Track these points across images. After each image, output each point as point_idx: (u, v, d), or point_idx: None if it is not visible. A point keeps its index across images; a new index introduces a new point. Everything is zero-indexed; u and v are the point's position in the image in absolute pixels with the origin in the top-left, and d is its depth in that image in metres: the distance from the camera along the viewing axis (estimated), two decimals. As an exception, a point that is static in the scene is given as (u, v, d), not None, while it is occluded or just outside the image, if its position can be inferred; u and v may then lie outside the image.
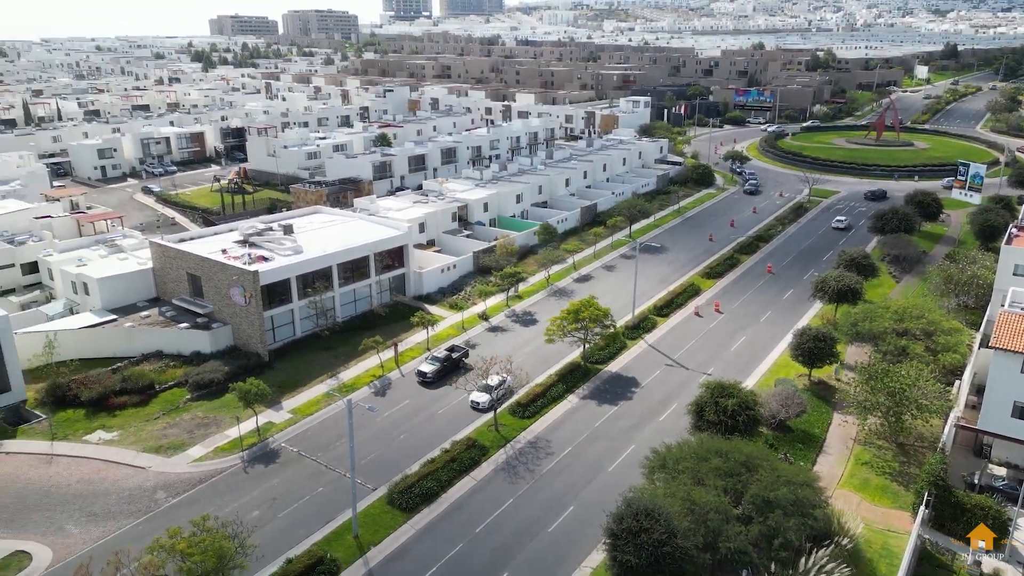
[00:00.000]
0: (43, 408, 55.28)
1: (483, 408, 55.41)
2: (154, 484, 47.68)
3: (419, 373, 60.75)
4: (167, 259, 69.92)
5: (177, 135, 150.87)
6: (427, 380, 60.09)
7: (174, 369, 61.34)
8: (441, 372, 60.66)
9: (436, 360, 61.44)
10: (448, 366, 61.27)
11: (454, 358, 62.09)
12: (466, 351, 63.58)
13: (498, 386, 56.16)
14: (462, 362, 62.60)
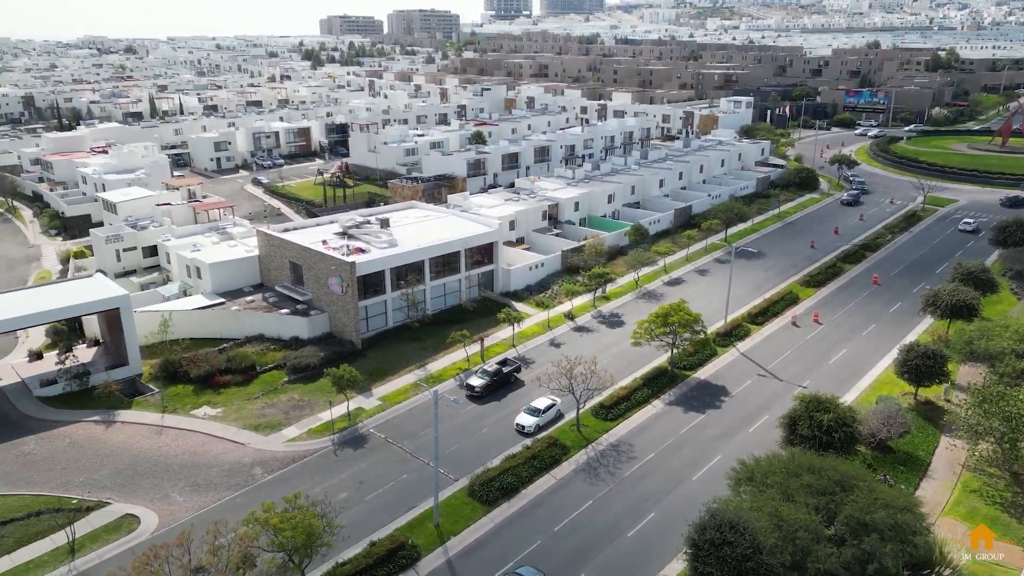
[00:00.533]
0: (156, 382, 59.34)
1: (528, 432, 52.46)
2: (252, 460, 50.29)
3: (467, 387, 58.26)
4: (272, 247, 73.53)
5: (285, 130, 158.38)
6: (475, 394, 57.51)
7: (274, 352, 64.42)
8: (491, 387, 58.10)
9: (486, 374, 58.86)
10: (498, 380, 58.70)
11: (504, 372, 59.32)
12: (518, 365, 60.89)
13: (546, 409, 53.96)
14: (514, 377, 60.13)
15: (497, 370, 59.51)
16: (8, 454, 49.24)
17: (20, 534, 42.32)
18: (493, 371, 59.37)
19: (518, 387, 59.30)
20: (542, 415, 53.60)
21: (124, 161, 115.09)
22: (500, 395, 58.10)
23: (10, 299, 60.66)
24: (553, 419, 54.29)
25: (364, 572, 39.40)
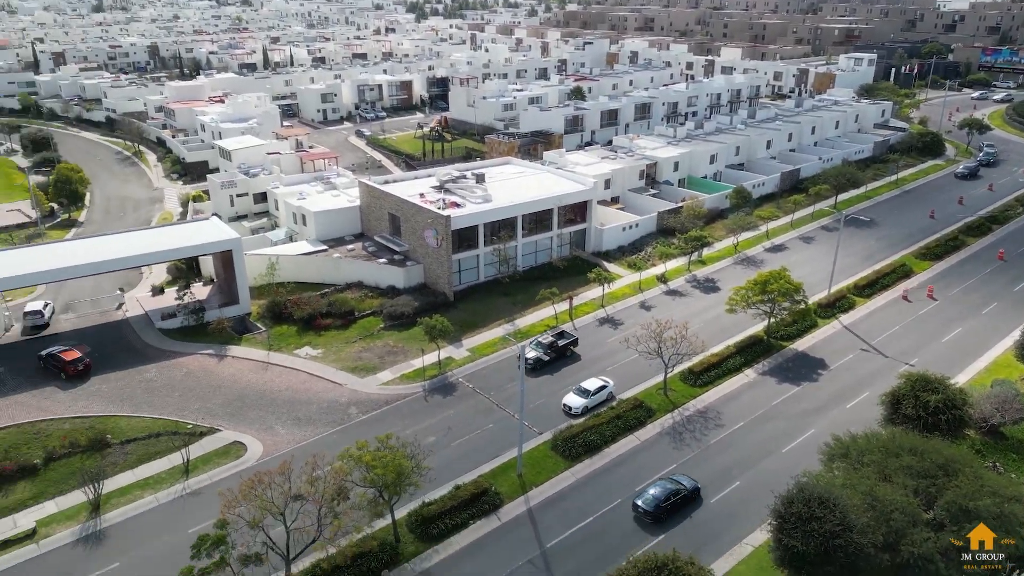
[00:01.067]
0: (263, 321, 62.94)
1: (575, 413, 50.27)
2: (348, 400, 52.86)
3: (521, 358, 58.35)
4: (373, 198, 75.67)
5: (388, 83, 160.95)
6: (530, 366, 55.75)
7: (371, 299, 66.83)
8: (546, 360, 56.83)
9: (540, 346, 57.37)
10: (553, 354, 56.94)
11: (560, 346, 57.49)
12: (575, 339, 58.59)
13: (596, 391, 51.43)
14: (570, 350, 58.10)
15: (552, 343, 57.53)
16: (132, 380, 53.86)
17: (142, 452, 46.48)
18: (548, 343, 57.48)
19: (574, 361, 57.69)
20: (591, 396, 50.99)
21: (238, 110, 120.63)
22: (554, 368, 56.50)
23: (137, 237, 65.58)
24: (603, 401, 51.62)
25: (449, 513, 41.05)
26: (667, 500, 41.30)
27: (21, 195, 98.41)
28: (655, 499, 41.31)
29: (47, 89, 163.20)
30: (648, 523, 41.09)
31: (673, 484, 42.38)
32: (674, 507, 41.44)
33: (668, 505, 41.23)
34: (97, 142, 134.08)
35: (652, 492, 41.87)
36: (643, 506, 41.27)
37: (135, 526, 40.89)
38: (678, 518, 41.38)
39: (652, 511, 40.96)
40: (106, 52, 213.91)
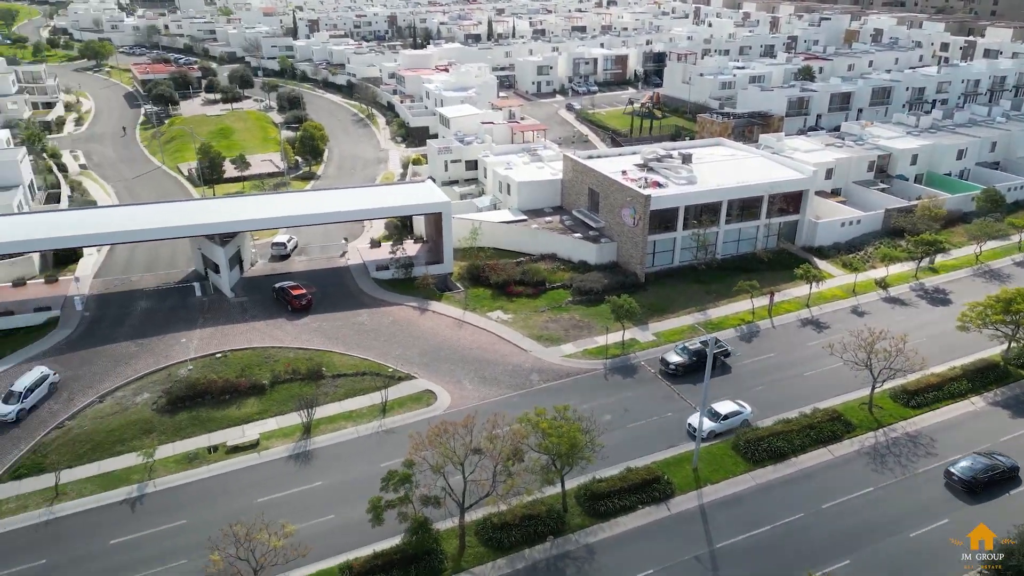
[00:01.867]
0: (462, 282, 66.54)
1: (704, 436, 45.49)
2: (531, 367, 54.48)
3: (663, 362, 53.80)
4: (575, 173, 76.35)
5: (604, 57, 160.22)
6: (670, 371, 52.82)
7: (563, 272, 67.88)
8: (689, 367, 52.81)
9: (686, 351, 53.77)
10: (698, 362, 52.22)
11: (704, 356, 53.09)
12: (726, 350, 54.27)
13: (728, 416, 46.76)
14: (720, 361, 53.40)
15: (700, 350, 53.25)
16: (347, 322, 59.71)
17: (348, 388, 51.57)
18: (695, 350, 53.88)
19: (723, 374, 53.12)
20: (721, 421, 46.59)
21: (460, 80, 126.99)
22: (698, 378, 52.40)
23: (362, 194, 71.94)
24: (734, 428, 46.74)
25: (618, 493, 41.07)
26: (985, 473, 41.49)
27: (273, 147, 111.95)
28: (971, 469, 41.71)
29: (301, 53, 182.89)
30: (960, 491, 41.48)
31: (990, 459, 42.42)
32: (991, 481, 41.52)
33: (986, 478, 41.35)
34: (338, 104, 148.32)
35: (967, 463, 42.24)
36: (958, 474, 41.66)
37: (337, 452, 45.66)
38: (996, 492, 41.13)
39: (968, 480, 41.28)
40: (352, 21, 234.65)
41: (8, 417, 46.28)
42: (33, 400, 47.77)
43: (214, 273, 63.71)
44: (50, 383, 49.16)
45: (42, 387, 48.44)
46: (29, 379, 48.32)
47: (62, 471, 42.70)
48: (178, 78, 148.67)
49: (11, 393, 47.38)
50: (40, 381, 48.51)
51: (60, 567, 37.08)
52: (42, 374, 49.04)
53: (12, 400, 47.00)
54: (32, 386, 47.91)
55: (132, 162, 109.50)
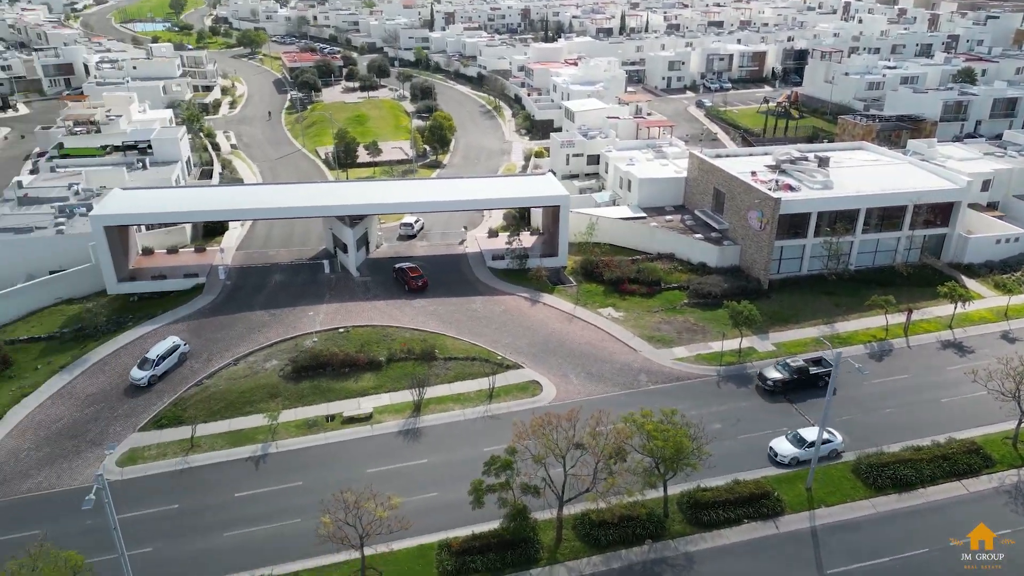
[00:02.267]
0: (575, 276, 66.39)
1: (781, 462, 43.56)
2: (640, 367, 53.61)
3: (761, 377, 51.09)
4: (700, 171, 74.10)
5: (740, 53, 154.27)
6: (768, 387, 50.08)
7: (680, 273, 66.21)
8: (789, 384, 49.90)
9: (787, 368, 50.72)
10: (800, 380, 50.06)
11: (812, 373, 50.52)
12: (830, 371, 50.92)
13: (814, 444, 42.18)
14: (823, 381, 50.02)
15: (803, 368, 50.57)
16: (461, 307, 61.17)
17: (458, 371, 52.89)
18: (797, 367, 50.61)
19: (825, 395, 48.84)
20: (806, 448, 43.33)
21: (588, 74, 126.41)
22: (798, 397, 49.62)
23: (484, 184, 73.44)
24: (822, 458, 43.10)
25: (723, 505, 39.77)
26: None
27: (404, 135, 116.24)
28: None
29: (436, 45, 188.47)
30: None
31: None
32: None
33: None
34: (467, 94, 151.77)
35: None
36: None
37: (444, 432, 47.01)
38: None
39: None
40: (487, 14, 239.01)
41: (141, 382, 50.04)
42: (164, 368, 51.25)
43: (342, 252, 67.13)
44: (180, 353, 52.58)
45: (173, 356, 51.92)
46: (162, 347, 51.92)
47: (198, 425, 46.64)
48: (322, 66, 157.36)
49: (145, 360, 51.14)
50: (172, 350, 52.07)
51: (190, 513, 40.54)
52: (174, 344, 52.57)
53: (146, 366, 50.61)
54: (164, 354, 51.46)
55: (277, 144, 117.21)
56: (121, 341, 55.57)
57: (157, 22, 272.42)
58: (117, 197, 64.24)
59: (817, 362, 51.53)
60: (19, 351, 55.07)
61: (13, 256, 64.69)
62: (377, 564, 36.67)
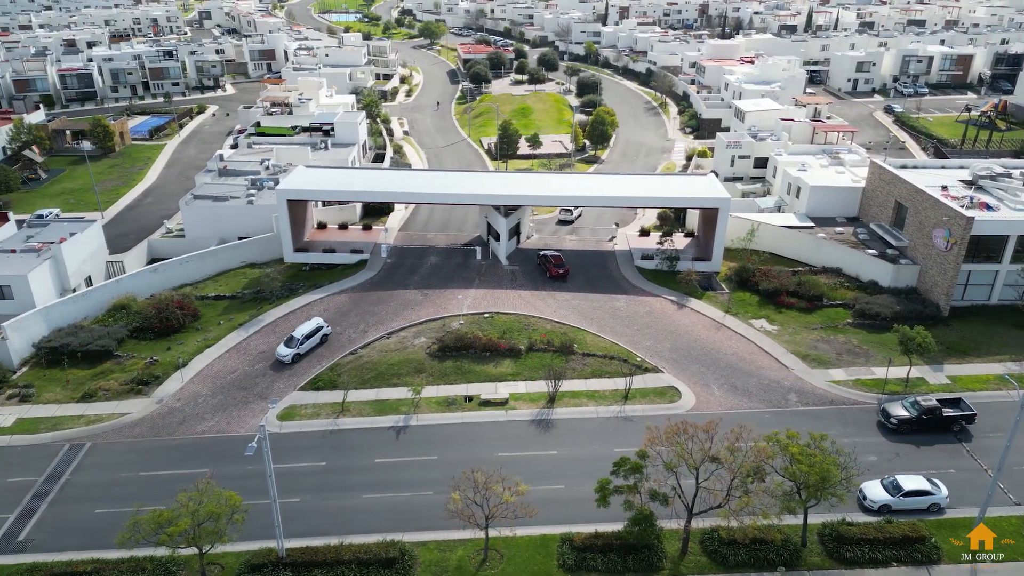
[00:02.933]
0: (727, 283, 63.68)
1: (871, 508, 39.77)
2: (790, 386, 50.54)
3: (883, 413, 46.77)
4: (881, 182, 68.18)
5: (942, 55, 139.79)
6: (891, 426, 45.90)
7: (846, 290, 61.54)
8: (915, 425, 45.41)
9: (916, 406, 45.93)
10: (928, 421, 45.46)
11: (940, 416, 45.49)
12: (971, 415, 45.66)
13: (912, 493, 39.35)
14: (958, 425, 45.78)
15: (931, 408, 45.58)
16: (604, 305, 60.74)
17: (595, 368, 52.62)
18: (926, 407, 45.37)
19: (959, 440, 44.66)
20: (899, 497, 39.50)
21: (765, 73, 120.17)
22: (927, 439, 45.13)
23: (641, 182, 72.14)
24: (922, 510, 39.55)
25: (871, 543, 36.91)
26: None
27: (565, 129, 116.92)
28: None
29: (607, 40, 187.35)
30: None
31: None
32: None
33: None
34: (632, 90, 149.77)
35: None
36: None
37: (575, 427, 47.09)
38: None
39: None
40: (663, 8, 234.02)
41: (286, 359, 52.40)
42: (308, 347, 53.50)
43: (494, 240, 68.94)
44: (323, 334, 54.72)
45: (315, 337, 54.13)
46: (308, 327, 54.27)
47: (349, 391, 50.03)
48: (494, 58, 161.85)
49: (291, 338, 53.55)
50: (315, 331, 54.31)
51: (335, 471, 43.66)
52: (318, 325, 54.77)
53: (292, 344, 53.01)
54: (309, 334, 53.81)
55: (445, 132, 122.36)
56: (293, 306, 60.74)
57: (351, 13, 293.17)
58: (300, 174, 70.14)
59: (953, 403, 46.19)
60: (207, 306, 61.86)
61: (210, 220, 72.69)
62: (500, 547, 37.57)
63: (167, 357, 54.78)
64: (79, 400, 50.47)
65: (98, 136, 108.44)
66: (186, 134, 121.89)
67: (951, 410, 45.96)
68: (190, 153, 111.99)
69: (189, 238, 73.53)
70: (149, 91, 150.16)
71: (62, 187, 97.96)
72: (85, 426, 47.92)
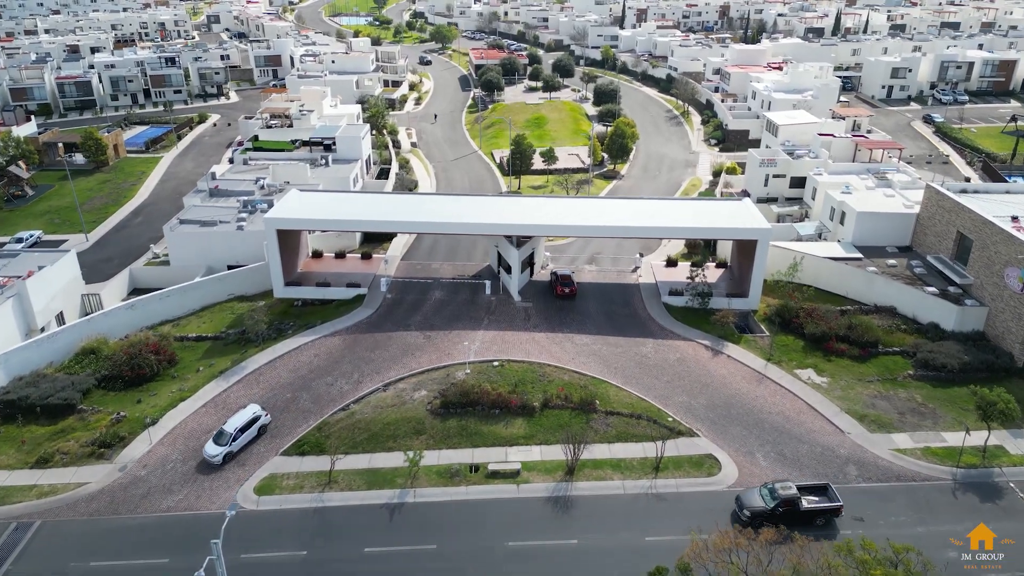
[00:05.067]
0: (767, 324, 56.70)
1: None
2: (847, 455, 43.59)
3: (738, 502, 39.43)
4: (939, 209, 60.93)
5: (983, 61, 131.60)
6: (744, 519, 38.44)
7: (903, 334, 54.46)
8: (772, 519, 37.36)
9: (773, 496, 38.51)
10: (787, 515, 37.75)
11: (804, 509, 38.19)
12: (838, 506, 38.25)
13: None
14: (820, 519, 38.31)
15: (793, 498, 38.28)
16: (629, 350, 53.88)
17: (620, 429, 45.86)
18: (787, 496, 38.22)
19: (824, 532, 36.12)
20: None
21: (795, 80, 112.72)
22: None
23: (667, 207, 65.11)
24: None
25: None
26: None
27: (582, 141, 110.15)
28: None
29: (625, 44, 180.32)
30: None
31: None
32: None
33: None
34: (653, 98, 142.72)
35: None
36: None
37: (599, 507, 40.34)
38: None
39: None
40: (682, 11, 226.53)
41: (216, 459, 43.34)
42: (242, 443, 44.44)
43: (505, 273, 62.35)
44: (260, 425, 45.63)
45: (252, 429, 45.09)
46: (241, 419, 44.98)
47: (338, 457, 43.53)
48: (507, 64, 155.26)
49: (222, 433, 44.33)
50: (251, 422, 45.18)
51: (316, 563, 37.21)
52: (254, 415, 45.59)
53: (223, 441, 43.89)
54: (244, 426, 44.63)
55: (454, 144, 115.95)
56: (280, 350, 54.45)
57: (361, 16, 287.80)
58: (292, 199, 63.89)
59: (819, 491, 39.18)
60: (187, 349, 55.76)
61: (196, 248, 66.76)
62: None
63: (136, 411, 48.68)
64: (33, 465, 44.44)
65: (90, 149, 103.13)
66: (184, 145, 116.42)
67: (814, 500, 38.75)
68: (187, 167, 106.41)
69: (174, 266, 67.64)
70: (150, 99, 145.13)
71: (49, 205, 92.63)
72: (37, 499, 41.90)
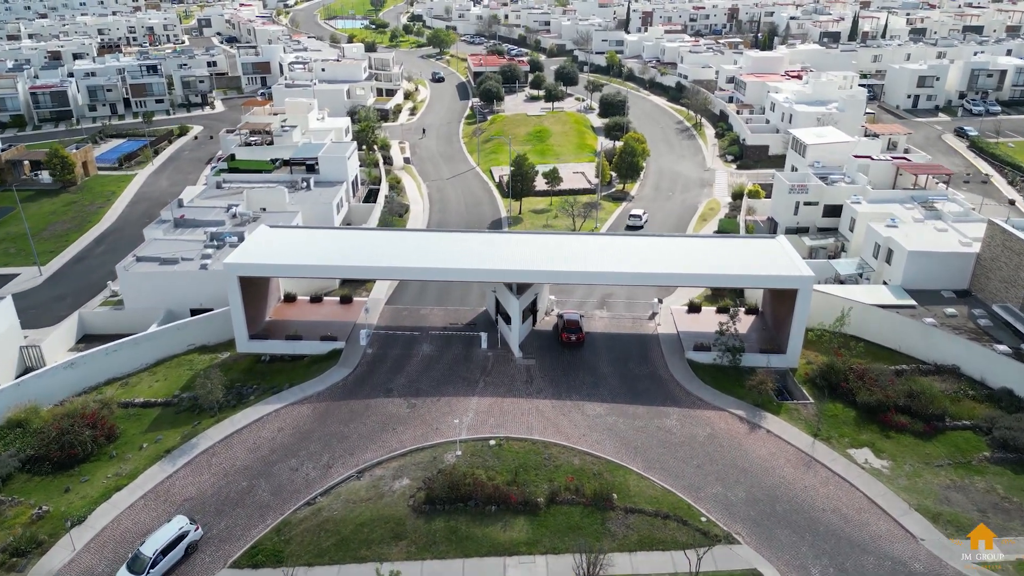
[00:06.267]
0: (810, 388, 48.52)
1: None
2: (924, 570, 35.39)
3: None
4: (1005, 249, 52.76)
5: (1015, 68, 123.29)
6: None
7: (972, 401, 46.29)
8: None
9: None
10: None
11: None
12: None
13: None
14: None
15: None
16: (651, 423, 45.67)
17: (644, 533, 37.75)
18: None
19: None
20: None
21: (818, 91, 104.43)
22: None
23: (689, 247, 56.40)
24: None
25: None
26: None
27: (588, 157, 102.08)
28: None
29: (631, 49, 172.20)
30: None
31: None
32: None
33: None
34: (662, 108, 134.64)
35: None
36: None
37: (618, 648, 32.26)
38: None
39: None
40: (688, 14, 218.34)
41: None
42: (163, 568, 35.48)
43: (504, 323, 54.16)
44: (188, 543, 36.80)
45: (178, 548, 36.26)
46: (164, 536, 36.15)
47: (298, 570, 35.47)
48: (507, 71, 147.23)
49: (137, 557, 35.38)
50: (177, 540, 36.37)
51: None
52: (181, 530, 36.69)
53: (139, 566, 34.90)
54: (167, 547, 35.79)
55: (451, 159, 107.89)
56: (239, 422, 46.34)
57: (357, 19, 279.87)
58: (259, 238, 55.62)
59: None
60: (132, 418, 47.67)
61: (154, 290, 58.92)
62: None
63: (63, 503, 40.65)
64: (-74, 582, 36.40)
65: (56, 167, 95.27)
66: (161, 161, 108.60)
67: None
68: (161, 186, 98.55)
69: (129, 310, 59.79)
70: (130, 109, 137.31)
71: (7, 231, 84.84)
72: (-77, 631, 33.86)
